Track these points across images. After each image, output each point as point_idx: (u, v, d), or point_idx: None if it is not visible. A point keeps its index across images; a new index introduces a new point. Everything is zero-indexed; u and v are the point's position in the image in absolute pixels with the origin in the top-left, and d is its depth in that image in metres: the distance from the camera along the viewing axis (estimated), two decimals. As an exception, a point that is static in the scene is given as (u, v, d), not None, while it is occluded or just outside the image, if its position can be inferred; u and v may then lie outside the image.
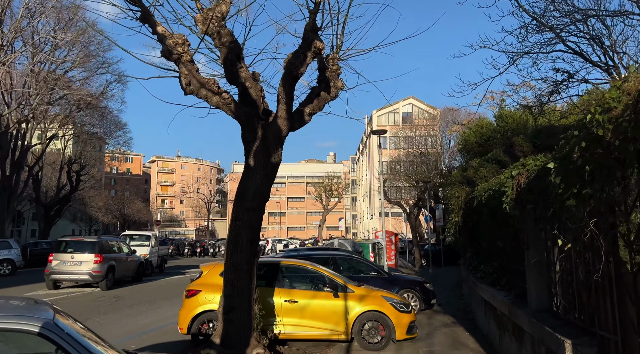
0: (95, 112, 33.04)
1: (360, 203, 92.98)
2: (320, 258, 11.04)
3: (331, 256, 11.07)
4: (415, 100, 69.40)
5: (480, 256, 9.46)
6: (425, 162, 37.44)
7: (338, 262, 10.97)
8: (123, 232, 22.91)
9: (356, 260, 11.33)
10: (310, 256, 11.10)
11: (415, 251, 31.04)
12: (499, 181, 7.16)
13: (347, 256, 11.42)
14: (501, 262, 7.77)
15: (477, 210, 8.86)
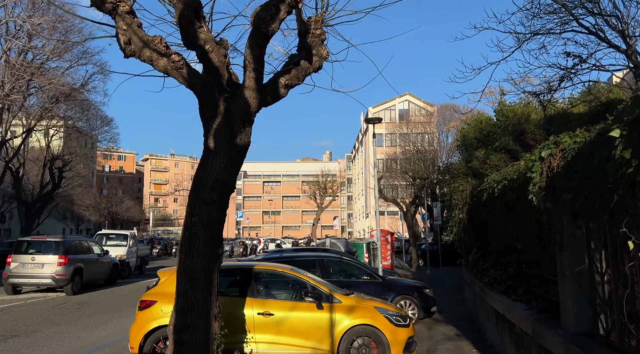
0: (76, 105, 31.41)
1: (356, 202, 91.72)
2: (305, 261, 9.71)
3: (318, 258, 9.73)
4: (412, 96, 68.19)
5: (489, 258, 8.15)
6: (423, 160, 36.17)
7: (326, 265, 9.63)
8: (99, 231, 21.50)
9: (347, 262, 10.00)
10: (295, 258, 9.77)
11: (412, 251, 29.76)
12: (518, 167, 5.83)
13: (336, 258, 10.09)
14: (518, 267, 6.45)
15: (486, 205, 7.54)
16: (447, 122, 52.12)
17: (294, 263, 9.48)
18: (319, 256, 9.81)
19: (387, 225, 62.27)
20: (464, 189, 8.92)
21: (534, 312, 5.47)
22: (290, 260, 9.56)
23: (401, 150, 43.25)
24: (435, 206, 29.83)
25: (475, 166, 9.41)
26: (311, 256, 9.84)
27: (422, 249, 31.62)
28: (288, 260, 9.56)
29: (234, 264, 7.55)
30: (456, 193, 9.16)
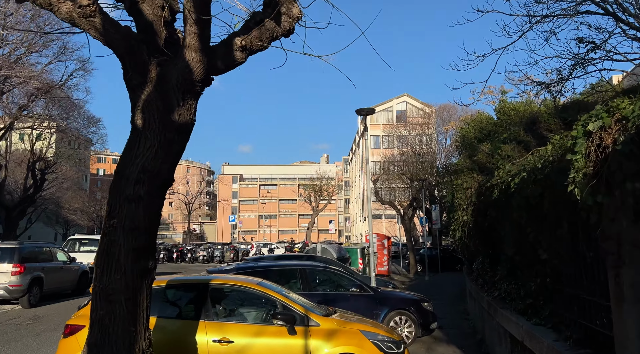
0: (55, 103, 29.92)
1: (353, 205, 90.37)
2: (284, 271, 8.36)
3: (300, 268, 8.36)
4: (409, 98, 67.04)
5: (501, 268, 6.81)
6: (421, 162, 34.89)
7: (308, 276, 8.27)
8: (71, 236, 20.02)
9: (332, 272, 8.62)
10: (272, 269, 8.40)
11: (409, 256, 28.39)
12: (544, 153, 4.49)
13: (321, 267, 8.72)
14: (542, 281, 5.09)
15: (497, 204, 6.19)
16: (445, 123, 50.94)
17: (270, 274, 8.13)
18: (300, 266, 8.44)
19: (385, 229, 60.87)
20: (468, 186, 7.60)
21: (569, 345, 4.10)
22: (266, 271, 8.19)
23: (399, 152, 42.02)
24: (434, 209, 28.50)
25: (482, 160, 8.10)
26: (291, 265, 8.49)
27: (420, 254, 30.27)
28: (263, 270, 8.19)
29: (184, 278, 6.18)
30: (459, 192, 7.84)
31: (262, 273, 8.15)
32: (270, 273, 8.28)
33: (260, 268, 8.21)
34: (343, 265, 11.84)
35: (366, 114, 11.05)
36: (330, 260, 11.58)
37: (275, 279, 8.30)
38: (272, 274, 8.29)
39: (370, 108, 10.96)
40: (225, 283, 5.72)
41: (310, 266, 8.57)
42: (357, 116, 63.90)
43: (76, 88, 29.74)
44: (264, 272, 8.17)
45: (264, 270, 8.22)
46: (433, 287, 20.46)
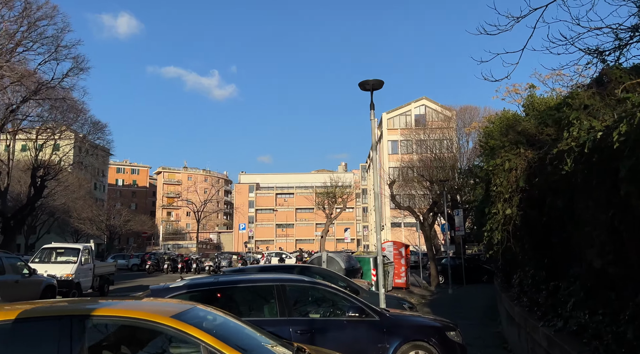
0: (57, 107, 28.38)
1: (371, 214, 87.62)
2: (254, 289, 6.07)
3: (277, 285, 6.04)
4: (428, 101, 64.41)
5: (574, 289, 4.40)
6: (442, 168, 32.31)
7: (288, 296, 5.93)
8: (49, 244, 18.00)
9: (323, 289, 6.29)
10: (236, 286, 6.11)
11: (430, 266, 25.75)
12: None
13: (306, 283, 6.35)
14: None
15: (566, 185, 3.77)
16: (467, 125, 48.25)
17: (235, 294, 5.92)
18: (277, 282, 6.12)
19: (404, 238, 58.06)
20: (512, 167, 5.25)
21: None
22: (229, 289, 5.94)
23: (418, 157, 39.51)
24: (457, 215, 25.84)
25: (530, 131, 5.71)
26: (265, 281, 6.17)
27: (442, 264, 27.59)
28: (224, 288, 5.91)
29: (50, 306, 3.94)
30: (498, 175, 5.47)
31: (223, 292, 5.90)
32: (235, 292, 6.02)
33: (220, 286, 5.91)
34: (347, 278, 9.47)
35: (372, 88, 8.75)
36: (329, 272, 9.23)
37: (241, 300, 6.03)
38: (237, 294, 6.03)
39: (378, 80, 8.65)
40: (115, 314, 3.44)
41: (291, 281, 6.23)
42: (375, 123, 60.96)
43: (73, 88, 28.07)
44: (226, 291, 5.92)
45: (226, 288, 5.95)
46: (458, 302, 17.86)
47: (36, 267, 14.20)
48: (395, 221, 63.31)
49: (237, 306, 5.89)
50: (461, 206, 28.33)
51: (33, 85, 23.94)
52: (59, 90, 26.76)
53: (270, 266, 9.00)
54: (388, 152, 65.14)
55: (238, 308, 5.81)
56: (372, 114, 9.07)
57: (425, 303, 17.67)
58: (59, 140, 36.59)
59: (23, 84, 23.37)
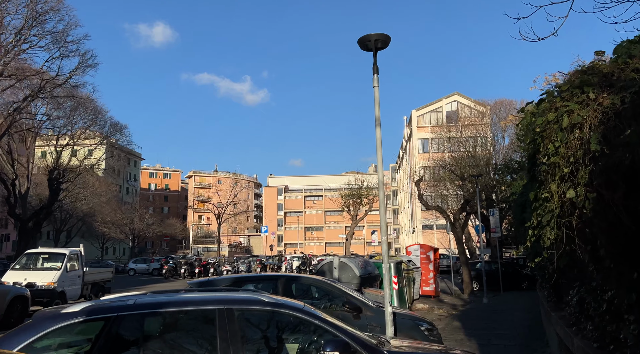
0: (60, 102, 27.40)
1: (402, 216, 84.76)
2: (187, 314, 4.17)
3: (221, 308, 4.07)
4: (460, 96, 61.36)
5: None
6: (476, 165, 29.73)
7: (235, 327, 4.00)
8: (35, 249, 16.68)
9: (291, 316, 4.30)
10: (162, 307, 4.20)
11: (463, 271, 23.27)
12: None
13: (267, 307, 4.30)
14: None
15: None
16: (502, 120, 45.22)
17: (155, 322, 4.01)
18: (224, 303, 4.17)
19: (437, 241, 55.17)
20: (574, 122, 3.18)
21: None
22: (151, 313, 4.07)
23: (450, 156, 36.96)
24: (492, 215, 23.27)
25: (601, 68, 3.65)
26: (206, 303, 4.22)
27: (476, 269, 25.07)
28: (145, 312, 4.05)
29: None
30: (551, 138, 3.39)
31: (140, 320, 4.05)
32: (156, 319, 4.14)
33: (135, 311, 4.01)
34: (347, 292, 7.45)
35: (376, 47, 6.78)
36: (324, 284, 7.22)
37: (165, 333, 4.15)
38: (160, 322, 4.16)
39: (382, 35, 6.67)
40: None
41: (243, 303, 4.27)
42: (404, 121, 58.67)
43: (83, 85, 27.15)
44: (144, 319, 4.06)
45: (144, 315, 4.07)
46: (494, 314, 15.48)
47: (16, 274, 12.85)
48: (427, 223, 60.46)
49: (156, 342, 4.00)
50: (497, 206, 25.70)
51: (37, 82, 23.00)
52: (67, 88, 25.79)
53: (246, 277, 7.08)
54: (418, 150, 62.40)
55: (157, 348, 3.92)
56: (375, 80, 7.07)
57: (455, 315, 15.38)
58: (77, 143, 35.99)
59: (27, 79, 22.46)
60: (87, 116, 36.52)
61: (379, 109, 6.96)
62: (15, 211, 30.70)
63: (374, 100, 7.00)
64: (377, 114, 6.93)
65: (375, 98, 7.00)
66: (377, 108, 6.96)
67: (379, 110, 6.95)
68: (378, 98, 7.00)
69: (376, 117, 6.94)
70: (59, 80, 24.42)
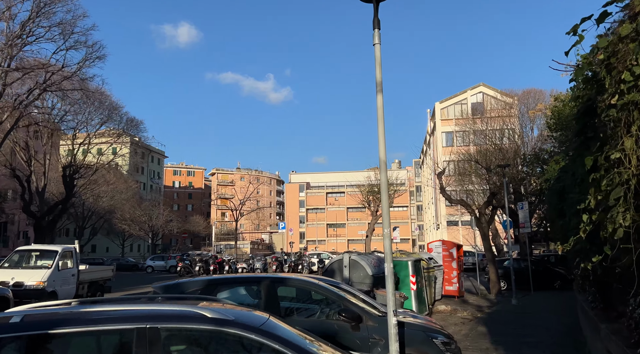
0: (67, 95, 26.77)
1: (426, 212, 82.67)
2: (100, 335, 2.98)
3: (142, 327, 2.91)
4: (486, 87, 59.03)
5: None
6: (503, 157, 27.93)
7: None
8: (30, 245, 15.91)
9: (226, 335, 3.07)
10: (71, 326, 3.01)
11: (489, 269, 21.64)
12: None
13: (208, 326, 3.05)
14: None
15: None
16: (531, 110, 43.03)
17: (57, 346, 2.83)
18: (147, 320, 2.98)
19: (462, 238, 53.19)
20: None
21: None
22: (49, 335, 2.89)
23: (475, 149, 35.12)
24: (521, 208, 21.54)
25: None
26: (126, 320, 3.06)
27: (504, 267, 23.39)
28: (44, 332, 2.89)
29: None
30: (628, 62, 2.14)
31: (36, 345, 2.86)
32: (61, 342, 2.97)
33: (31, 332, 2.88)
34: (346, 297, 6.21)
35: None
36: (318, 286, 5.97)
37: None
38: (66, 346, 2.98)
39: None
40: None
41: (174, 320, 3.06)
42: (427, 114, 56.62)
43: (91, 78, 26.54)
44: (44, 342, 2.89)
45: (44, 336, 2.91)
46: (524, 317, 13.94)
47: (4, 273, 12.05)
48: (452, 219, 58.49)
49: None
50: (526, 199, 23.93)
51: (46, 75, 22.39)
52: (76, 81, 25.19)
53: (222, 279, 5.84)
54: (442, 144, 60.39)
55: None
56: (376, 36, 5.79)
57: (481, 319, 13.91)
58: (95, 140, 35.72)
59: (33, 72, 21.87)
60: (103, 112, 36.21)
61: (380, 71, 5.66)
62: (30, 209, 30.43)
63: (375, 60, 5.70)
64: (379, 78, 5.63)
65: (376, 58, 5.70)
66: (379, 70, 5.65)
67: (381, 73, 5.65)
68: (380, 58, 5.69)
69: (377, 81, 5.64)
70: (65, 72, 23.79)
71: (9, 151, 31.23)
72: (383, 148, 5.53)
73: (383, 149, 5.52)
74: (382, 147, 5.52)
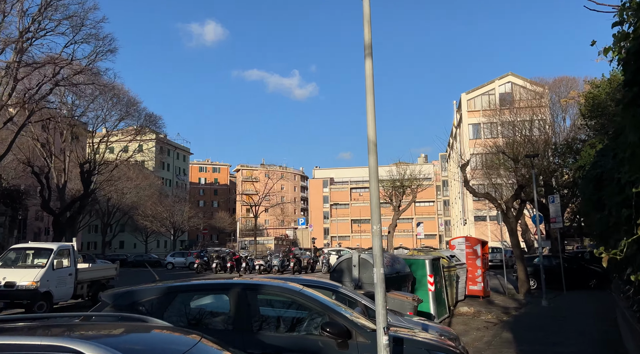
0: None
1: (453, 207, 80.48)
2: None
3: None
4: (514, 76, 56.69)
5: None
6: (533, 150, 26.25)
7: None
8: (25, 243, 15.31)
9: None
10: None
11: (517, 267, 20.19)
12: None
13: None
14: None
15: None
16: (563, 96, 40.79)
17: None
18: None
19: (490, 233, 51.21)
20: None
21: None
22: None
23: (504, 141, 33.38)
24: (552, 202, 20.00)
25: None
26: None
27: (533, 264, 21.90)
28: None
29: None
30: None
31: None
32: None
33: None
34: (334, 308, 5.19)
35: None
36: (296, 293, 4.95)
37: None
38: None
39: None
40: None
41: None
42: (453, 106, 54.52)
43: (103, 72, 26.15)
44: None
45: None
46: (556, 321, 12.59)
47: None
48: (479, 214, 56.44)
49: None
50: (558, 192, 22.29)
51: (56, 69, 22.03)
52: (88, 75, 24.81)
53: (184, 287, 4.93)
54: (468, 136, 58.32)
55: None
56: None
57: (507, 323, 12.64)
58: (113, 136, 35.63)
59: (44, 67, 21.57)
60: (121, 108, 36.04)
61: (369, 31, 4.58)
62: (49, 205, 30.43)
63: (363, 17, 4.63)
64: (367, 39, 4.56)
65: (364, 14, 4.63)
66: (367, 29, 4.58)
67: (370, 33, 4.57)
68: (368, 14, 4.62)
69: (366, 43, 4.58)
70: (74, 65, 23.42)
71: (28, 147, 31.31)
72: (372, 125, 4.46)
73: (372, 127, 4.46)
74: (371, 124, 4.46)
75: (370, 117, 4.42)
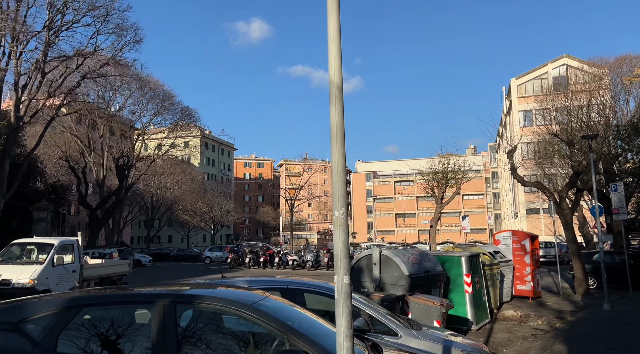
0: (101, 85, 26.13)
1: (503, 199, 76.45)
2: None
3: None
4: (570, 58, 52.55)
5: None
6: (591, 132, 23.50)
7: None
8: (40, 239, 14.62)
9: None
10: None
11: (574, 264, 17.84)
12: None
13: None
14: None
15: None
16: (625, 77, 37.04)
17: None
18: None
19: (544, 227, 47.75)
20: None
21: None
22: None
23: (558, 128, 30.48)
24: (614, 191, 17.45)
25: None
26: None
27: (592, 261, 19.46)
28: None
29: None
30: None
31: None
32: None
33: None
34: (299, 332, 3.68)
35: None
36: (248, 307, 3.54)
37: None
38: None
39: None
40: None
41: None
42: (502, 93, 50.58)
43: (131, 63, 25.70)
44: None
45: None
46: (621, 330, 10.52)
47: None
48: (531, 206, 52.86)
49: None
50: (621, 180, 19.65)
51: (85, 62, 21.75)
52: (113, 65, 24.40)
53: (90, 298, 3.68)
54: (519, 124, 54.73)
55: None
56: None
57: (560, 330, 10.70)
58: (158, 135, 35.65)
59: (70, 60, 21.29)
60: (157, 102, 35.92)
61: None
62: (87, 200, 30.61)
63: None
64: None
65: None
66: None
67: None
68: None
69: None
70: (99, 55, 23.06)
71: (65, 142, 31.64)
72: (336, 63, 2.96)
73: (336, 65, 2.96)
74: (333, 62, 2.96)
75: (333, 47, 2.92)
